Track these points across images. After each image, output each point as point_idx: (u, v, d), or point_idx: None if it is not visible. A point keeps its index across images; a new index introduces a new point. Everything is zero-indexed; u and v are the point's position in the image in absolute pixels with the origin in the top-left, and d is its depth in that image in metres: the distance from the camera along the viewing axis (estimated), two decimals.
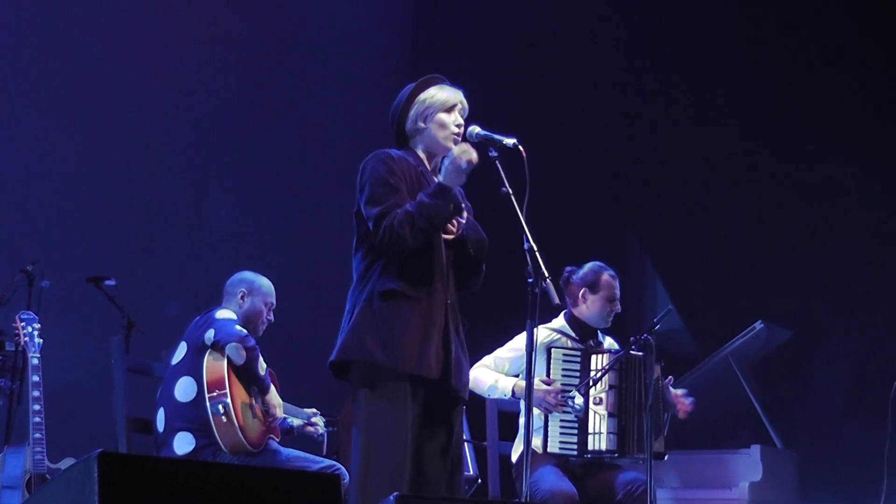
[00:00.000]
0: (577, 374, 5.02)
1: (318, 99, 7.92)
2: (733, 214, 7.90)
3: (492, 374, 5.09)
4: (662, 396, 5.13)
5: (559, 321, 5.27)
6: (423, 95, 3.86)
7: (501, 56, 8.37)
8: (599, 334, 5.30)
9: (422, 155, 3.88)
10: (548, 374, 5.02)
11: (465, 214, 3.82)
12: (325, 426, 5.49)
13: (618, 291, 5.22)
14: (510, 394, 5.03)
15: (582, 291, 5.24)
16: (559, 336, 5.21)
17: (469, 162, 3.67)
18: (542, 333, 5.17)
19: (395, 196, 3.68)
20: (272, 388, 4.94)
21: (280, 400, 4.98)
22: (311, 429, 5.33)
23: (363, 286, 3.72)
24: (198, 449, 4.71)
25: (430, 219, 3.63)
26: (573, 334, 5.22)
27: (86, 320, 6.46)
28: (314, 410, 5.40)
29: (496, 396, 5.10)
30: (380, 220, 3.64)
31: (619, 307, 5.23)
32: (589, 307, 5.21)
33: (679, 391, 5.24)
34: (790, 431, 6.97)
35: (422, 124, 3.84)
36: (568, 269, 5.30)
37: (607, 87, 8.24)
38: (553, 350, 5.06)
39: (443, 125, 3.83)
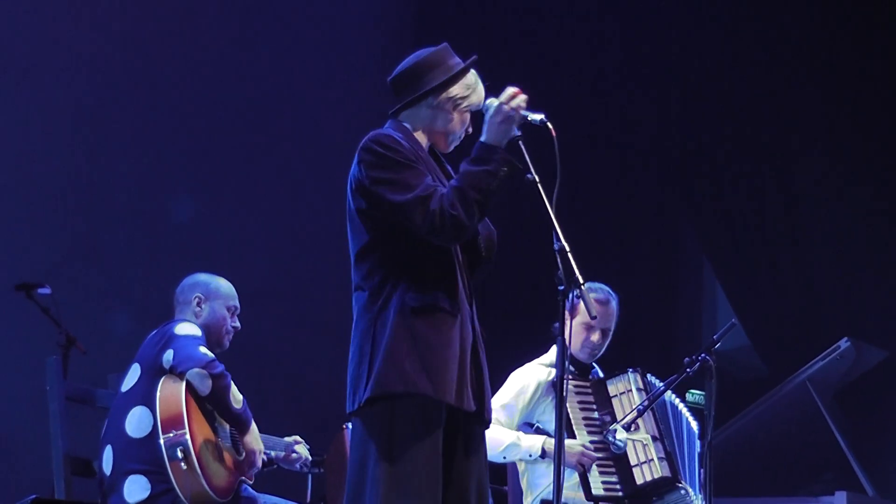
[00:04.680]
0: (594, 406, 5.08)
1: (301, 71, 7.89)
2: (814, 206, 7.87)
3: (508, 432, 5.10)
4: None
5: (551, 355, 5.28)
6: (470, 79, 3.80)
7: (525, 15, 8.34)
8: (597, 369, 5.33)
9: (419, 135, 3.83)
10: None
11: None
12: (311, 467, 5.48)
13: (599, 317, 5.12)
14: (539, 452, 5.04)
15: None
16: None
17: (518, 109, 3.64)
18: (541, 372, 5.25)
19: (424, 177, 3.65)
20: (253, 425, 4.92)
21: (261, 444, 4.95)
22: (294, 456, 5.29)
23: (382, 302, 3.66)
24: (154, 496, 4.69)
25: (482, 189, 3.58)
26: (572, 368, 5.22)
27: (14, 337, 6.46)
28: (296, 438, 5.36)
29: (516, 459, 5.11)
30: (419, 206, 3.58)
31: (599, 338, 5.21)
32: (572, 335, 5.20)
33: None
34: (884, 475, 6.95)
35: (449, 109, 3.79)
36: None
37: (661, 52, 8.20)
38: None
39: (463, 124, 3.81)
